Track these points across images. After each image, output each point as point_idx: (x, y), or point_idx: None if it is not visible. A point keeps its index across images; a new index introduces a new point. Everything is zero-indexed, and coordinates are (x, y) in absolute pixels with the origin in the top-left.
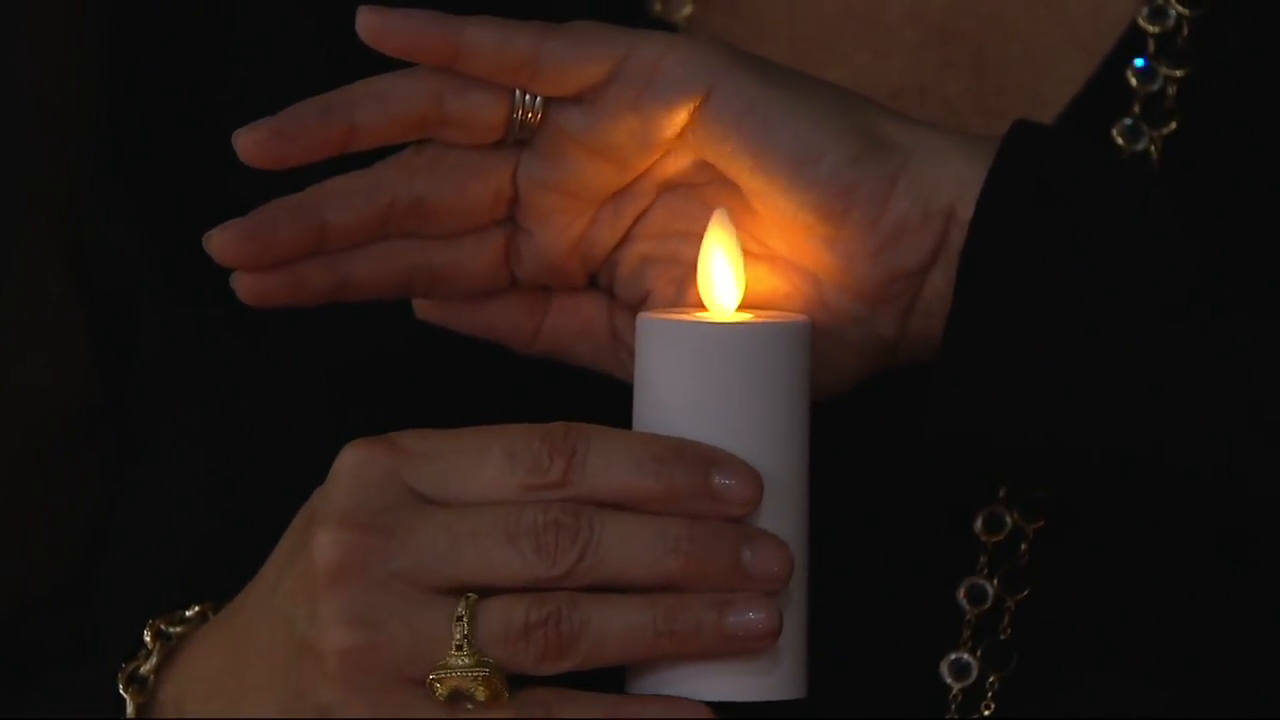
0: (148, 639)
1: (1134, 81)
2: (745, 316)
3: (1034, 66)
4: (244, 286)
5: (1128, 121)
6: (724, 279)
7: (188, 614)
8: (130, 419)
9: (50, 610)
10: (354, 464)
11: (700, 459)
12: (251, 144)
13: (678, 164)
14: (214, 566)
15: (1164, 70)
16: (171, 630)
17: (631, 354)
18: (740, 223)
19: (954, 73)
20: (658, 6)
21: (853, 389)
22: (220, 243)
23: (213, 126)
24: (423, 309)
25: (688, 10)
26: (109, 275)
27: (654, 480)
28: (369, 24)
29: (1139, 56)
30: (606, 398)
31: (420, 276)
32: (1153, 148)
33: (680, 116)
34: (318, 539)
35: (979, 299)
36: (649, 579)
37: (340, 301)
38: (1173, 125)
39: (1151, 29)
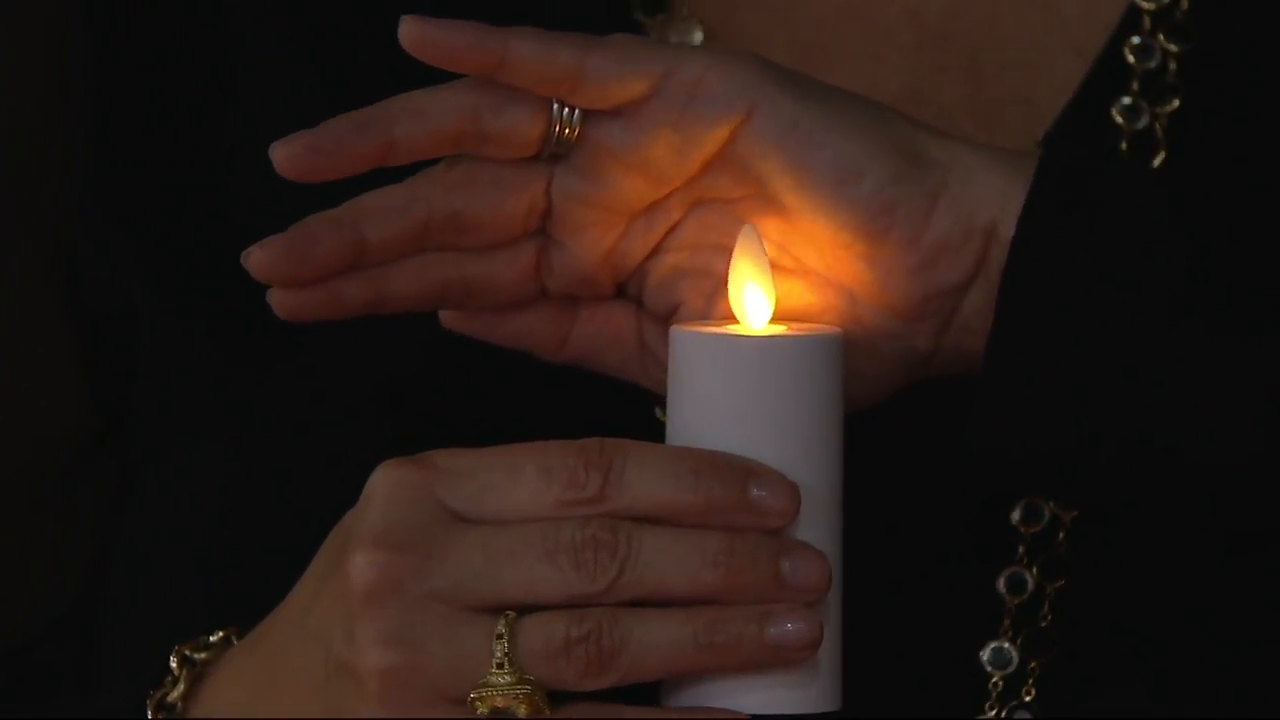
0: (174, 666)
1: (1131, 58)
2: (779, 329)
3: (1029, 71)
4: (280, 302)
5: (1127, 100)
6: (755, 293)
7: (212, 639)
8: (133, 444)
9: (54, 640)
10: (388, 484)
11: (738, 471)
12: (288, 157)
13: (712, 178)
14: (224, 590)
15: (1163, 45)
16: (197, 656)
17: (658, 363)
18: (774, 237)
19: (950, 78)
20: (654, 36)
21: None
22: (259, 259)
23: (206, 148)
24: (450, 319)
25: (698, 37)
26: (103, 302)
27: (692, 493)
28: (412, 33)
29: (1134, 34)
30: (625, 406)
31: (454, 289)
32: (1157, 126)
33: (721, 134)
34: (353, 560)
35: (1022, 315)
36: (688, 593)
37: (374, 314)
38: (1175, 103)
39: (1148, 5)
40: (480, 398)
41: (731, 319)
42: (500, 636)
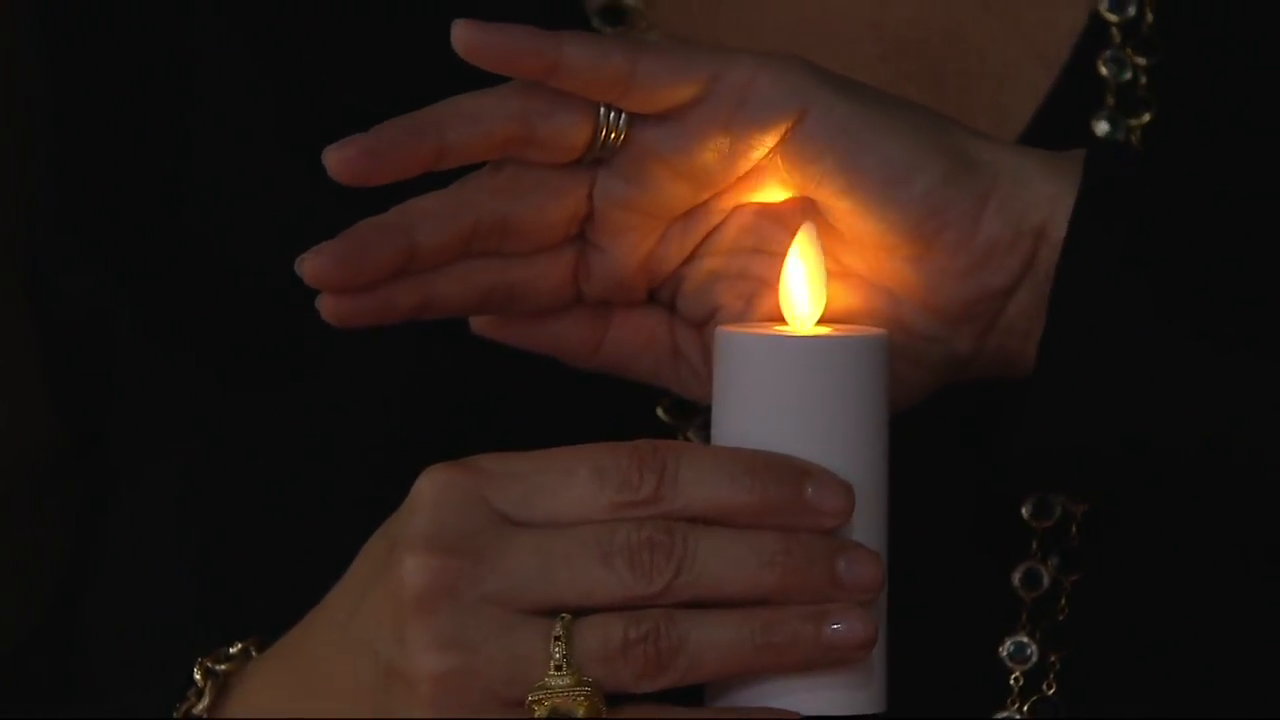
0: (198, 678)
1: (1104, 71)
2: (825, 330)
3: (993, 79)
4: (332, 309)
5: (1104, 114)
6: (807, 293)
7: (232, 651)
8: (110, 458)
9: (28, 657)
10: (435, 488)
11: (793, 472)
12: (342, 161)
13: (756, 181)
14: (211, 602)
15: (1132, 58)
16: (219, 668)
17: (691, 368)
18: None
19: (914, 86)
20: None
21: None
22: (314, 266)
23: (172, 161)
24: (482, 325)
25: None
26: (73, 319)
27: (747, 494)
28: (465, 37)
29: (1105, 48)
30: (626, 405)
31: (496, 293)
32: (1131, 138)
33: (771, 137)
34: (404, 564)
35: (1074, 315)
36: (744, 593)
37: (420, 319)
38: (1147, 116)
39: (1113, 18)
40: (466, 403)
41: (771, 321)
42: (558, 639)
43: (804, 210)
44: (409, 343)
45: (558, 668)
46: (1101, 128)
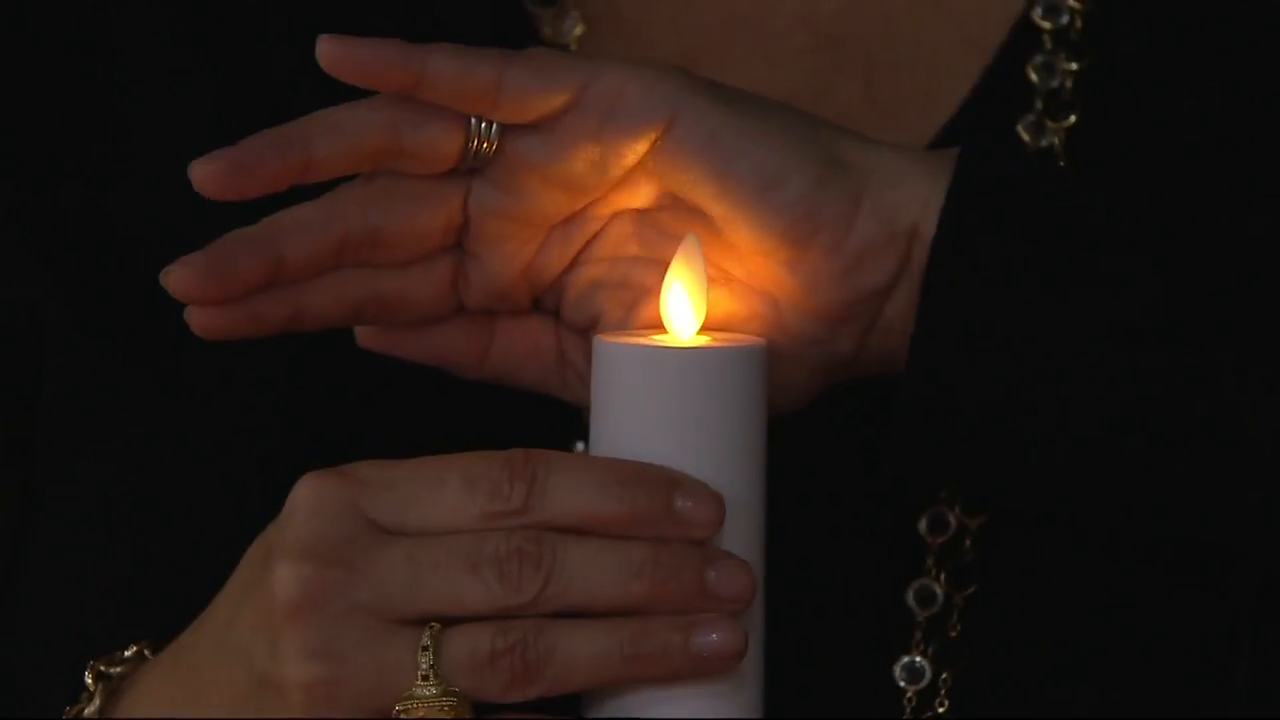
0: (89, 680)
1: (1034, 77)
2: (702, 340)
3: (925, 68)
4: (199, 321)
5: (1030, 118)
6: (686, 304)
7: (126, 654)
8: (38, 459)
9: None
10: (311, 496)
11: (662, 482)
12: (209, 175)
13: (632, 189)
14: (134, 603)
15: (1061, 64)
16: (112, 671)
17: (578, 376)
18: None
19: (845, 77)
20: (547, 30)
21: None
22: (179, 278)
23: (103, 163)
24: (366, 337)
25: (578, 30)
26: (4, 320)
27: (617, 504)
28: (330, 52)
29: (1035, 52)
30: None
31: (370, 305)
32: (1055, 140)
33: (642, 145)
34: (277, 573)
35: (943, 314)
36: (614, 603)
37: (292, 332)
38: (1072, 119)
39: (1045, 25)
40: (396, 407)
41: (653, 329)
42: (425, 649)
43: (684, 218)
44: (332, 347)
45: (424, 677)
46: (1027, 133)
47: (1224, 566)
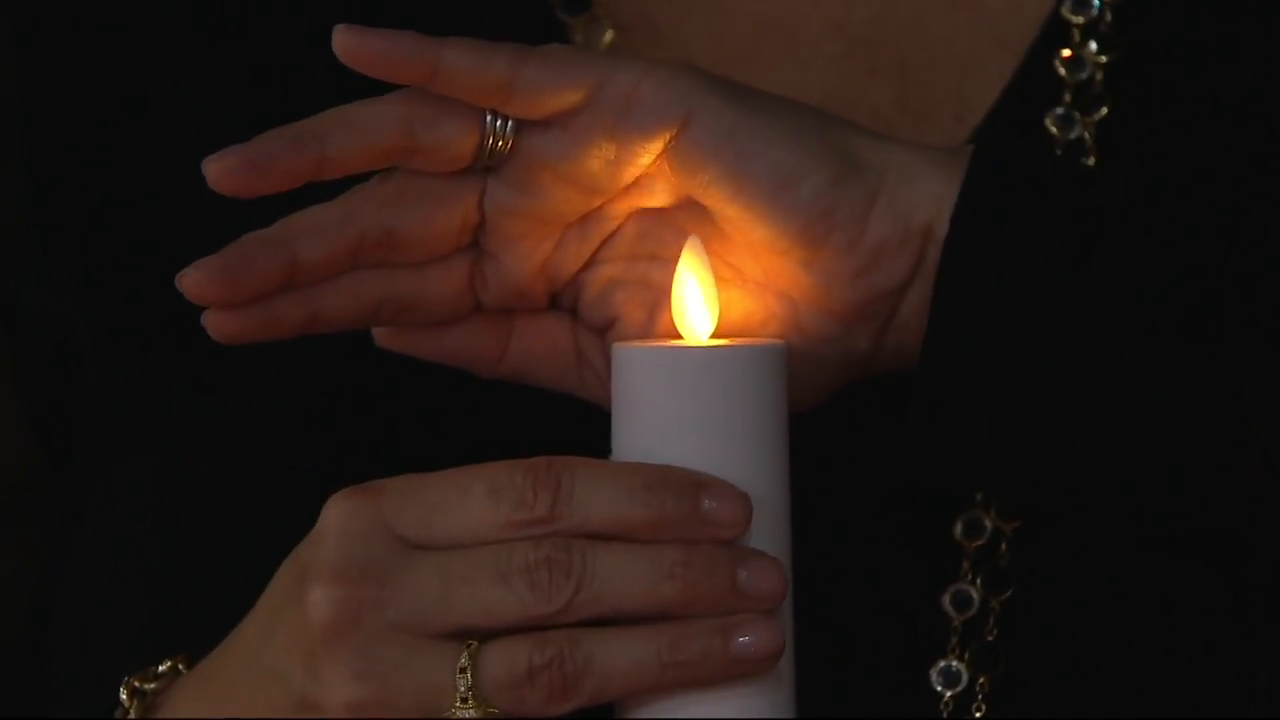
0: (124, 696)
1: (1063, 71)
2: (721, 341)
3: (957, 69)
4: (215, 324)
5: (1060, 111)
6: (698, 305)
7: (160, 669)
8: (76, 472)
9: (6, 671)
10: (340, 516)
11: (689, 484)
12: (222, 172)
13: (648, 187)
14: (172, 614)
15: (1091, 56)
16: (147, 687)
17: (595, 374)
18: (711, 246)
19: (878, 81)
20: (578, 38)
21: (825, 403)
22: (194, 281)
23: (133, 173)
24: (384, 337)
25: (609, 38)
26: (40, 333)
27: (644, 508)
28: (346, 42)
29: (1064, 46)
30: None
31: (387, 306)
32: (1086, 134)
33: (657, 144)
34: (311, 596)
35: (956, 312)
36: (646, 607)
37: (309, 334)
38: (1103, 110)
39: (1076, 19)
40: (423, 411)
41: (672, 333)
42: (463, 670)
43: (701, 218)
44: (361, 351)
45: (464, 700)
46: (1056, 126)
47: (1242, 564)
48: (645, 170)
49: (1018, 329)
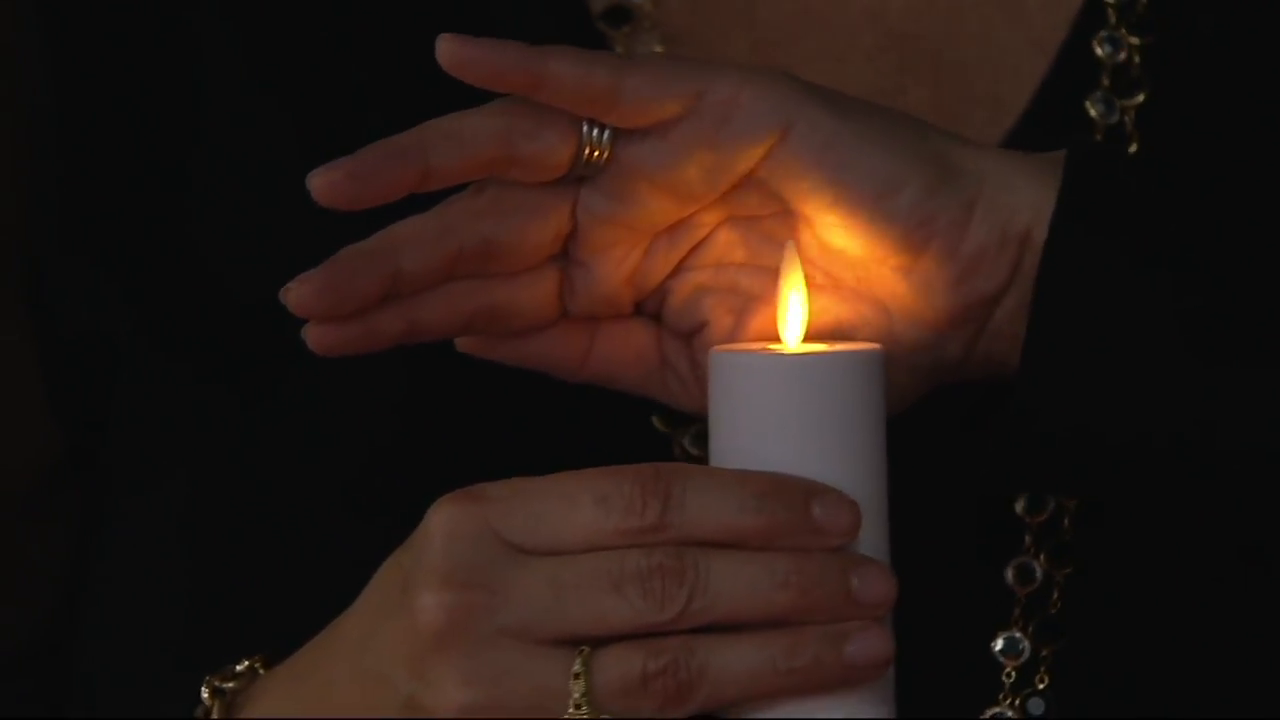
0: (205, 696)
1: (1100, 51)
2: (821, 347)
3: (992, 68)
4: (316, 336)
5: (1099, 94)
6: (798, 310)
7: (239, 669)
8: (108, 471)
9: (27, 667)
10: (445, 521)
11: (799, 492)
12: (326, 185)
13: (742, 195)
14: (207, 615)
15: (1126, 39)
16: (227, 686)
17: (679, 379)
18: (804, 252)
19: (914, 77)
20: (620, 49)
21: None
22: (299, 295)
23: (176, 176)
24: (467, 344)
25: (657, 49)
26: (73, 330)
27: (755, 517)
28: (451, 53)
29: (1100, 28)
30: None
31: (481, 315)
32: (1126, 119)
33: (757, 153)
34: (420, 601)
35: (1056, 318)
36: (760, 616)
37: (406, 344)
38: (1141, 96)
39: (1110, 1)
40: (466, 419)
41: (761, 337)
42: (577, 676)
43: (789, 224)
44: (410, 355)
45: (577, 706)
46: (1095, 110)
47: None
48: (741, 178)
49: (1117, 334)
